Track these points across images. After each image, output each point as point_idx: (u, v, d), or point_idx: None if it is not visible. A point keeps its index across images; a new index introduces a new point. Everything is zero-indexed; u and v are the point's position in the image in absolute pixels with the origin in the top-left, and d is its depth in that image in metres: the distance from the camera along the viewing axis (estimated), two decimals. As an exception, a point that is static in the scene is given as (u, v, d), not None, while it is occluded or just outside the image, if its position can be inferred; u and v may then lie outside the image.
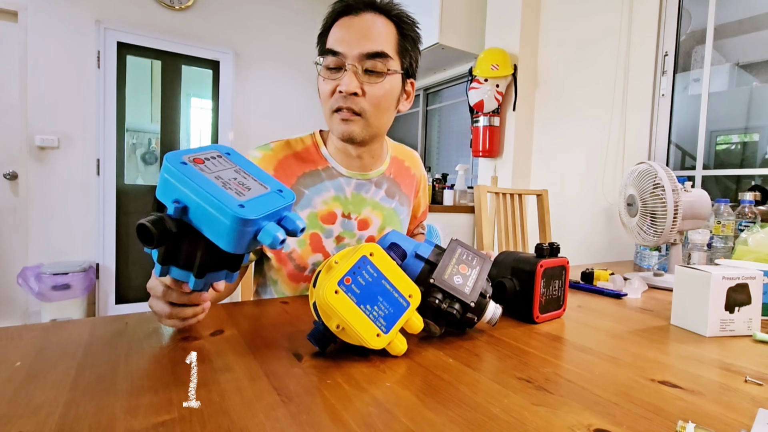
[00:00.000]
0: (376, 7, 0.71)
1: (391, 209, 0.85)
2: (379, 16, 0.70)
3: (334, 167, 0.79)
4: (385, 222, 0.83)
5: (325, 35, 0.72)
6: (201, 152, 0.42)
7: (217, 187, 0.39)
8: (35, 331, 0.50)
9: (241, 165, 0.44)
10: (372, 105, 0.70)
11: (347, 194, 0.79)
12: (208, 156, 0.42)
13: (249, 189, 0.41)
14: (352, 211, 0.80)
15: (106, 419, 0.31)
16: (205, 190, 0.38)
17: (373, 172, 0.82)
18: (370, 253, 0.46)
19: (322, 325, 0.44)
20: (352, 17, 0.69)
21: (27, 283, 2.49)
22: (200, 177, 0.39)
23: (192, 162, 0.40)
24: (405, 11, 0.74)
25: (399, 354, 0.46)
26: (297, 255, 0.76)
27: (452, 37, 2.49)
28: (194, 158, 0.41)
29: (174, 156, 0.40)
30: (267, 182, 0.44)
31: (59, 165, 2.76)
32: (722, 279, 0.58)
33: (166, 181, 0.39)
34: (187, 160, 0.40)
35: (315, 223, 0.77)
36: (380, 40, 0.69)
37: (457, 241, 0.56)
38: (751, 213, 1.15)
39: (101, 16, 2.82)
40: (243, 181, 0.42)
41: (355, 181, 0.80)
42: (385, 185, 0.84)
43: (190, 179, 0.38)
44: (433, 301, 0.49)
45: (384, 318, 0.44)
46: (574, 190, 2.13)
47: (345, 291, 0.42)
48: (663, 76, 1.85)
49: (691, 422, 0.32)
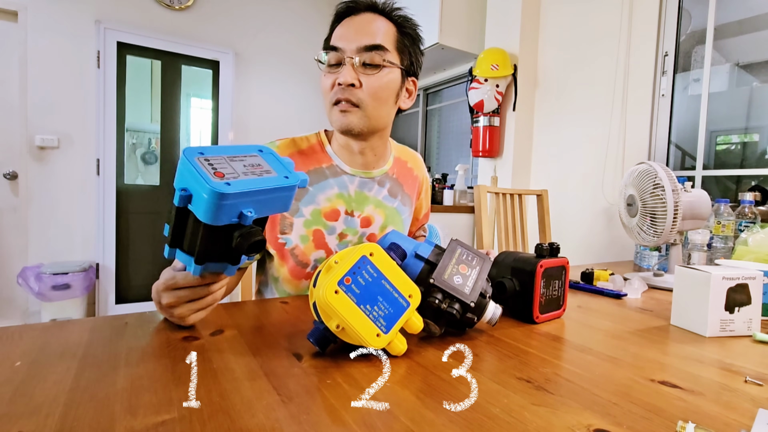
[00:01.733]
0: (376, 9, 0.74)
1: (393, 209, 0.86)
2: (378, 15, 0.74)
3: (338, 165, 0.80)
4: (387, 221, 0.84)
5: (329, 38, 0.76)
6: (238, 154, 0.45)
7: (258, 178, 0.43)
8: (35, 330, 0.50)
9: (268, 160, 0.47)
10: (369, 96, 0.72)
11: (351, 192, 0.81)
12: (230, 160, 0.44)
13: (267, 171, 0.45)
14: (355, 209, 0.81)
15: (106, 419, 0.31)
16: (257, 184, 0.42)
17: (376, 171, 0.83)
18: (370, 253, 0.46)
19: (322, 325, 0.44)
20: (353, 17, 0.74)
21: (27, 282, 2.49)
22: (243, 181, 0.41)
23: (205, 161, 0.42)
24: (406, 14, 0.77)
25: (399, 354, 0.46)
26: (300, 251, 0.77)
27: (452, 37, 2.49)
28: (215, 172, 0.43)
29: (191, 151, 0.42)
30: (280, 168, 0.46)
31: (59, 165, 2.76)
32: (722, 279, 0.58)
33: (179, 172, 0.42)
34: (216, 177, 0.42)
35: (318, 219, 0.78)
36: (378, 34, 0.72)
37: (457, 241, 0.56)
38: (751, 213, 1.15)
39: (101, 16, 2.82)
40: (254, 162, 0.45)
41: (358, 179, 0.81)
42: (388, 184, 0.85)
43: (239, 186, 0.41)
44: (433, 301, 0.49)
45: (384, 318, 0.44)
46: (574, 190, 2.13)
47: (345, 291, 0.42)
48: (663, 76, 1.85)
49: (691, 422, 0.32)
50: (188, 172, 0.40)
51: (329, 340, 0.44)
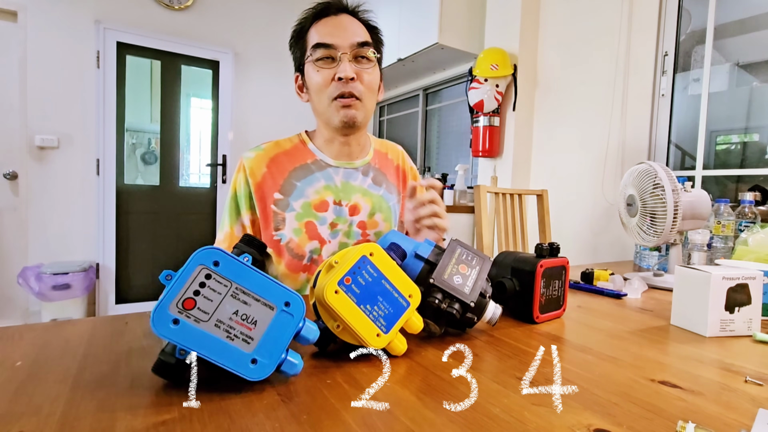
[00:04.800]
0: (349, 11, 0.80)
1: (379, 196, 0.88)
2: (353, 18, 0.80)
3: (322, 159, 0.84)
4: (374, 208, 0.86)
5: (303, 35, 0.80)
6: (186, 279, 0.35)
7: (223, 343, 0.35)
8: (36, 330, 0.50)
9: (236, 279, 0.36)
10: (367, 89, 0.77)
11: (337, 183, 0.84)
12: (196, 283, 0.35)
13: (255, 323, 0.36)
14: (342, 198, 0.83)
15: (107, 418, 0.31)
16: (211, 353, 0.35)
17: (359, 161, 0.87)
18: (369, 253, 0.46)
19: (322, 324, 0.44)
20: (332, 17, 0.78)
21: (27, 282, 2.49)
22: (200, 335, 0.35)
23: (183, 312, 0.35)
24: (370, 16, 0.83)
25: (399, 354, 0.46)
26: (294, 244, 0.79)
27: (452, 37, 2.49)
28: (183, 302, 0.35)
29: (160, 316, 0.34)
30: (271, 296, 0.37)
31: (59, 165, 2.76)
32: (722, 279, 0.58)
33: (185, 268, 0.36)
34: (175, 312, 0.34)
35: (309, 211, 0.80)
36: (362, 33, 0.78)
37: (456, 241, 0.56)
38: (751, 213, 1.15)
39: (101, 16, 2.82)
40: (246, 312, 0.36)
41: (342, 170, 0.85)
42: (372, 174, 0.88)
43: (191, 341, 0.35)
44: (433, 301, 0.49)
45: (384, 318, 0.44)
46: (574, 190, 2.13)
47: (345, 291, 0.42)
48: (663, 76, 1.85)
49: (691, 422, 0.32)
50: (177, 278, 0.35)
51: (329, 339, 0.44)
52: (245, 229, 0.80)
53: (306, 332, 0.39)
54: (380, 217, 0.86)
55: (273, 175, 0.80)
